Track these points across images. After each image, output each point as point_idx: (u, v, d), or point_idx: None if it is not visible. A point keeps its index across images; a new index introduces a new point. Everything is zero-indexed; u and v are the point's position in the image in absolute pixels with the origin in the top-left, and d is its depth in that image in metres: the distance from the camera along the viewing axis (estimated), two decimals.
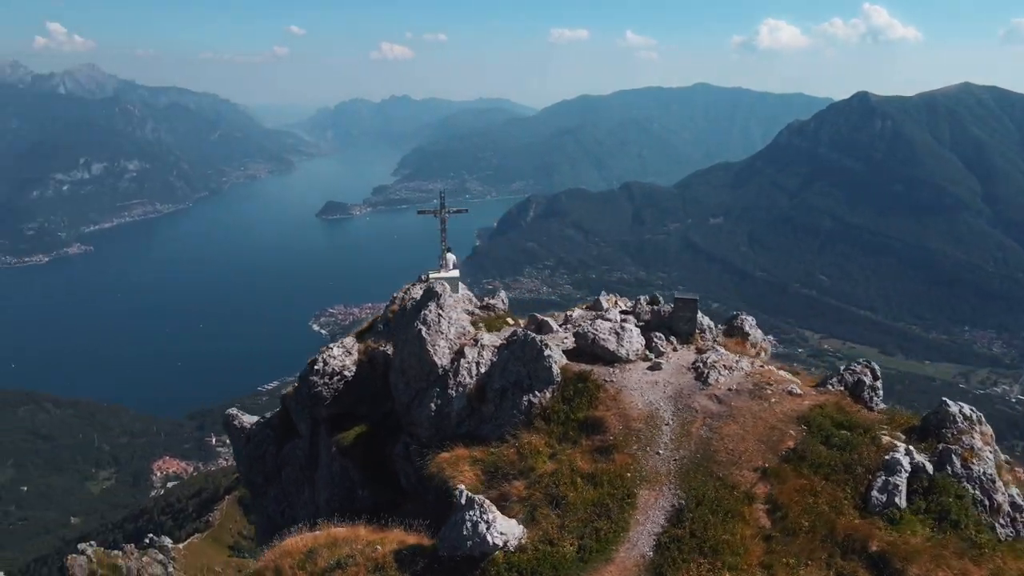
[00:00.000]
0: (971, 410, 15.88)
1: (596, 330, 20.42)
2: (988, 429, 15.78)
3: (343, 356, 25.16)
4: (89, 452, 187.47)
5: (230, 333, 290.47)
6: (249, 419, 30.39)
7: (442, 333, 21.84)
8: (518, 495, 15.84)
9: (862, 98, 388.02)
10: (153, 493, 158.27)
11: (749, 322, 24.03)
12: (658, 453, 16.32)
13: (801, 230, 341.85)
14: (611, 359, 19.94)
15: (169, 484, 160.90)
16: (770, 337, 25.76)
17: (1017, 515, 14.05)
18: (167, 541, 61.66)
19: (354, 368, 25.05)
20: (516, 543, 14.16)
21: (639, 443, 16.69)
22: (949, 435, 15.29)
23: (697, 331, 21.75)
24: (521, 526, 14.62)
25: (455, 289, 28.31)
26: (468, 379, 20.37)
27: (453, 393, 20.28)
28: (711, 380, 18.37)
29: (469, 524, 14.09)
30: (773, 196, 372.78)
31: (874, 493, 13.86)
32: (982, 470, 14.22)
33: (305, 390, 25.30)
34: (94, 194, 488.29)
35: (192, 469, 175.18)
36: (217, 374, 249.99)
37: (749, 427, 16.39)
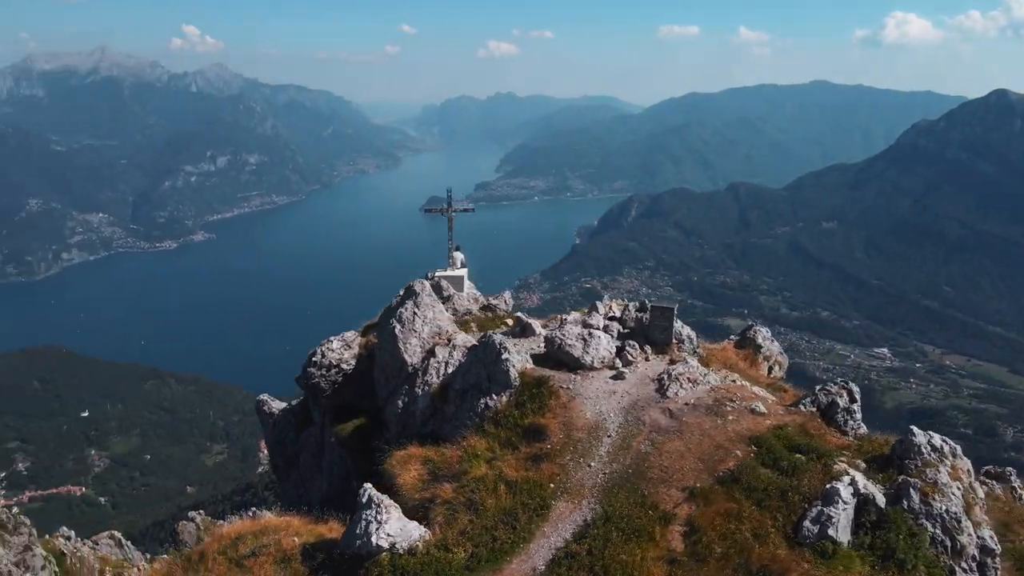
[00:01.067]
0: (943, 441, 14.58)
1: (563, 335, 20.13)
2: (964, 463, 14.50)
3: (342, 349, 25.64)
4: (205, 426, 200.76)
5: (336, 320, 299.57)
6: (279, 405, 31.99)
7: (415, 332, 22.07)
8: (444, 498, 15.79)
9: (1000, 96, 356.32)
10: (260, 469, 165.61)
11: (763, 334, 23.01)
12: (590, 465, 15.92)
13: (924, 236, 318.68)
14: (575, 366, 19.74)
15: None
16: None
17: (988, 560, 12.76)
18: (267, 514, 65.38)
19: (353, 362, 25.41)
20: (407, 545, 14.18)
21: (574, 453, 16.36)
22: (912, 467, 14.18)
23: (674, 341, 21.01)
24: (423, 529, 14.65)
25: (459, 288, 28.32)
26: (435, 379, 20.39)
27: (419, 392, 20.34)
28: (670, 393, 17.83)
29: (363, 523, 14.40)
30: (894, 200, 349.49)
31: (806, 523, 12.99)
32: (945, 507, 13.06)
33: (303, 381, 26.04)
34: (218, 185, 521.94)
35: None
36: None
37: (693, 444, 15.75)
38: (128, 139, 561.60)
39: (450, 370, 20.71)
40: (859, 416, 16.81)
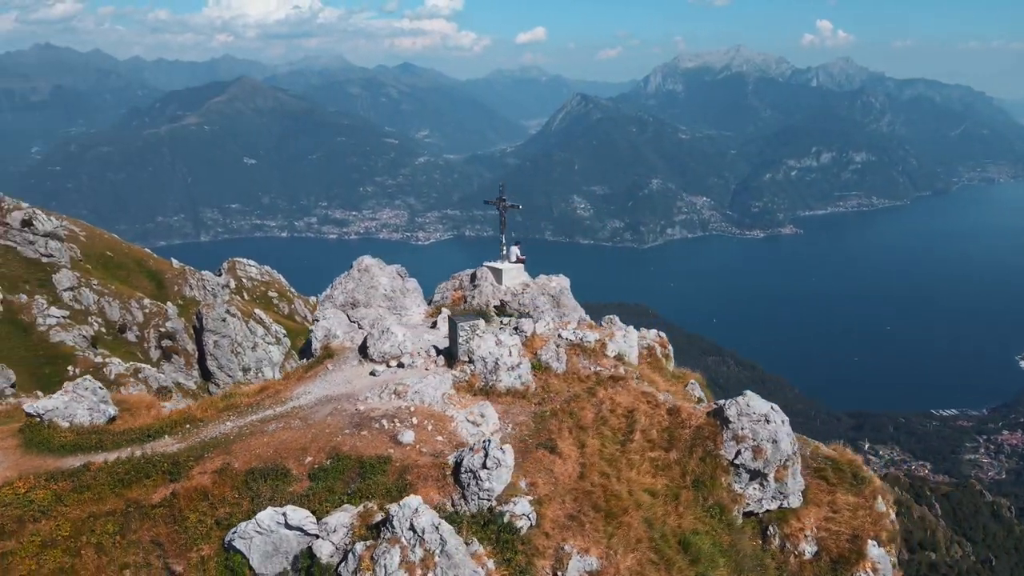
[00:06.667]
0: (436, 529, 12.67)
1: (373, 327, 22.23)
2: (459, 568, 12.27)
3: None
4: None
5: (919, 343, 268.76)
6: None
7: (332, 299, 26.44)
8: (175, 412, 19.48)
9: None
10: None
11: (740, 408, 18.70)
12: (226, 425, 17.58)
13: None
14: (364, 354, 21.44)
15: None
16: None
17: None
18: None
19: None
20: (49, 419, 17.82)
21: (240, 412, 18.43)
22: (382, 539, 12.96)
23: (465, 359, 20.21)
24: (96, 417, 18.49)
25: (499, 280, 28.43)
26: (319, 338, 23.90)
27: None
28: (361, 397, 18.54)
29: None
30: None
31: (231, 532, 13.56)
32: None
33: None
34: (816, 181, 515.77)
35: None
36: (890, 381, 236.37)
37: (293, 438, 16.31)
38: (741, 131, 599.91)
39: None
40: (489, 484, 14.59)
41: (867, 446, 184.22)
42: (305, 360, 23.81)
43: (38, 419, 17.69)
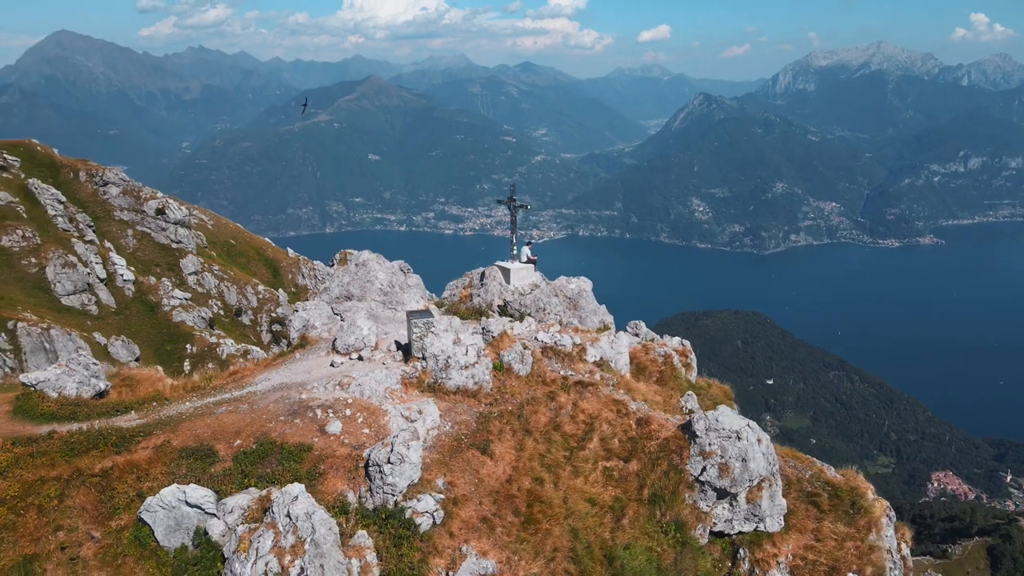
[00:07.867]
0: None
1: (348, 319, 23.27)
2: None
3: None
4: (876, 433, 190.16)
5: None
6: None
7: (328, 291, 28.54)
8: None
9: None
10: (921, 500, 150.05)
11: (708, 423, 18.09)
12: (188, 404, 18.34)
13: None
14: (334, 344, 21.85)
15: (942, 499, 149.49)
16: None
17: None
18: None
19: None
20: (40, 388, 18.73)
21: (199, 394, 19.31)
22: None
23: (419, 355, 20.34)
24: (86, 391, 19.33)
25: (507, 279, 28.22)
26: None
27: None
28: (307, 386, 18.81)
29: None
30: None
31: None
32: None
33: None
34: (962, 188, 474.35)
35: (973, 496, 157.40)
36: None
37: (232, 421, 16.86)
38: (879, 133, 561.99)
39: None
40: (392, 479, 14.66)
41: (1009, 478, 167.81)
42: (287, 347, 24.52)
43: (32, 389, 18.73)
